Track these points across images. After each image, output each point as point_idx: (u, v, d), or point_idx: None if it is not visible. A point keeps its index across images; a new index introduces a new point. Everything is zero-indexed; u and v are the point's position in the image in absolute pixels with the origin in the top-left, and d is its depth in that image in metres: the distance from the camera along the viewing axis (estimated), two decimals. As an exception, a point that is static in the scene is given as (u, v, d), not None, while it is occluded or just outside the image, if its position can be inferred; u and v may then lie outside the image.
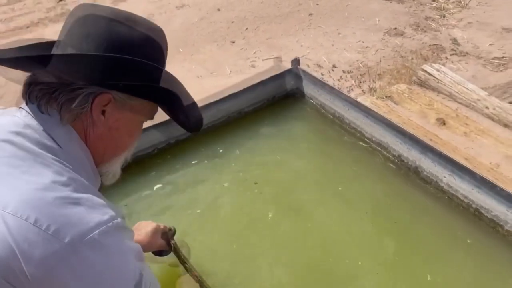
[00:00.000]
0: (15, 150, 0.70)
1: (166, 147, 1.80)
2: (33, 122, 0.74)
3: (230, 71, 3.52)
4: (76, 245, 0.65)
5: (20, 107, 0.77)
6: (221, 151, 1.79)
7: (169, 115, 0.88)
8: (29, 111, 0.75)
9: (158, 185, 1.65)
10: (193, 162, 1.74)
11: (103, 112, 0.76)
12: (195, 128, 0.91)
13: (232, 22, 4.19)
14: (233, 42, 3.89)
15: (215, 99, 1.84)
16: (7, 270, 0.64)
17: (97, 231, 0.67)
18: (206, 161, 1.74)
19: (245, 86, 1.90)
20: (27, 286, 0.66)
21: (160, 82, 0.78)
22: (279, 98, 2.04)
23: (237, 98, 1.89)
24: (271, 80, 1.98)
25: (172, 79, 0.81)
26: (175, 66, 3.57)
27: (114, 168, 0.84)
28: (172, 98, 0.81)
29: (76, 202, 0.68)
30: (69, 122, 0.75)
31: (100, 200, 0.72)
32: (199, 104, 1.78)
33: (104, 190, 0.82)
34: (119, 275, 0.71)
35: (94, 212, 0.69)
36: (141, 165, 1.71)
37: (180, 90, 0.82)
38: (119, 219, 0.72)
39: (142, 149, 1.75)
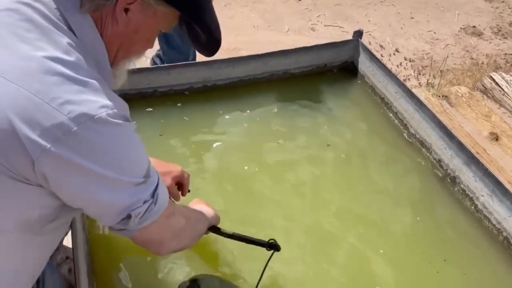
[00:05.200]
0: (21, 19, 0.65)
1: (201, 89, 1.74)
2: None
3: (288, 29, 3.37)
4: (82, 121, 0.61)
5: None
6: (256, 103, 1.71)
7: (186, 33, 0.84)
8: None
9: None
10: (220, 111, 1.67)
11: (126, 11, 0.72)
12: (210, 51, 0.86)
13: (304, -21, 3.98)
14: (299, 0, 3.71)
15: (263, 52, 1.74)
16: (5, 146, 0.61)
17: (104, 112, 0.63)
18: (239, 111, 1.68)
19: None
20: (27, 169, 0.62)
21: None
22: (330, 67, 1.92)
23: (286, 56, 1.78)
24: (326, 47, 1.85)
25: None
26: (234, 9, 3.45)
27: (123, 71, 0.81)
28: (198, 11, 0.76)
29: (83, 83, 0.64)
30: (88, 11, 0.70)
31: (109, 90, 0.69)
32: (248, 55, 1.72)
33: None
34: (128, 160, 0.69)
35: (102, 96, 0.65)
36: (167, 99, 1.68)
37: (205, 4, 0.78)
38: (128, 113, 0.71)
39: (178, 84, 1.70)
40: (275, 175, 1.45)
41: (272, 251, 1.05)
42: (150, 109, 1.64)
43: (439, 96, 2.46)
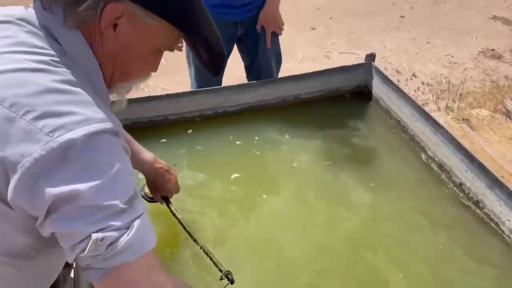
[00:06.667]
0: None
1: (212, 115, 1.72)
2: (32, 17, 0.67)
3: (302, 57, 3.37)
4: (59, 137, 0.57)
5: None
6: (267, 133, 1.68)
7: (191, 49, 0.80)
8: (32, 6, 0.69)
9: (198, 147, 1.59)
10: (231, 137, 1.64)
11: (115, 27, 0.69)
12: (214, 67, 0.82)
13: (318, 8, 4.03)
14: (314, 29, 3.74)
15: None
16: None
17: (85, 127, 0.59)
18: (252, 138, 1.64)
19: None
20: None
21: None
22: (342, 92, 1.88)
23: (297, 81, 1.76)
24: (337, 71, 1.82)
25: (198, 3, 0.72)
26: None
27: (121, 95, 0.78)
28: (189, 22, 0.72)
29: (65, 92, 0.60)
30: (72, 26, 0.67)
31: (100, 103, 0.64)
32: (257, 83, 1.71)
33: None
34: (112, 184, 0.61)
35: (87, 108, 0.60)
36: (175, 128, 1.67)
37: (202, 17, 0.73)
38: (117, 128, 0.64)
39: (188, 111, 1.69)
40: (294, 201, 1.41)
41: (228, 282, 1.03)
42: (164, 140, 1.63)
43: (459, 120, 2.38)
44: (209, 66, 0.83)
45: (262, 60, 1.96)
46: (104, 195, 0.60)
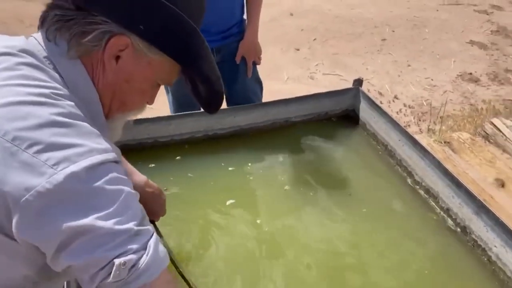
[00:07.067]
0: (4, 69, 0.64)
1: (202, 138, 1.72)
2: (34, 48, 0.67)
3: (287, 78, 3.42)
4: (63, 169, 0.57)
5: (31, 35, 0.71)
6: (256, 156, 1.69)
7: (189, 86, 0.81)
8: (35, 37, 0.69)
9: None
10: (223, 164, 1.63)
11: (117, 59, 0.70)
12: (212, 105, 0.83)
13: (302, 29, 4.10)
14: (298, 50, 3.80)
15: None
16: None
17: (88, 159, 0.59)
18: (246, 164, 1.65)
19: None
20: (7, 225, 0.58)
21: (185, 36, 0.72)
22: (331, 115, 1.91)
23: (287, 105, 1.78)
24: (327, 96, 1.86)
25: (201, 41, 0.74)
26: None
27: (117, 126, 0.78)
28: (192, 59, 0.74)
29: (66, 125, 0.60)
30: (75, 56, 0.68)
31: (100, 134, 0.65)
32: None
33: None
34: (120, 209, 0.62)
35: (88, 139, 0.61)
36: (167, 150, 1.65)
37: (204, 55, 0.75)
38: (118, 158, 0.65)
39: (179, 134, 1.69)
40: (287, 229, 1.41)
41: None
42: (153, 164, 1.61)
43: (441, 142, 2.45)
44: (206, 104, 0.84)
45: (242, 89, 1.98)
46: (119, 221, 0.61)
